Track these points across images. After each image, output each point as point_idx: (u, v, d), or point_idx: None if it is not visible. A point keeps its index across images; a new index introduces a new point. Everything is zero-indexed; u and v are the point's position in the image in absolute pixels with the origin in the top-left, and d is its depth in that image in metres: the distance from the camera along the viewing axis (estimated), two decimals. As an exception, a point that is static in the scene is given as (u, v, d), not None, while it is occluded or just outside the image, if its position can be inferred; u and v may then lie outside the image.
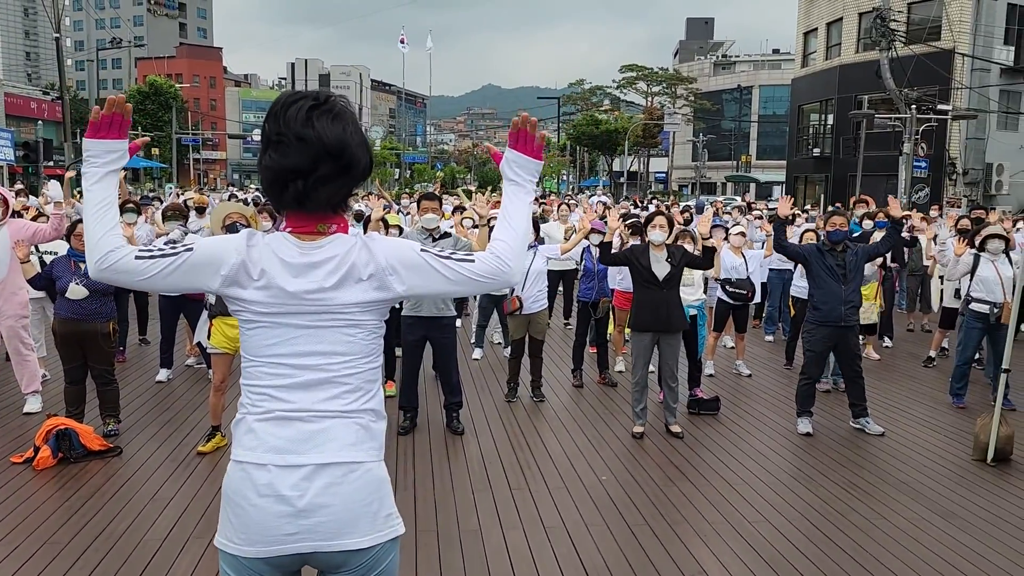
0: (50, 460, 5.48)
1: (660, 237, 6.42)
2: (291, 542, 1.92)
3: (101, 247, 1.95)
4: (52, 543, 4.39)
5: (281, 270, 1.95)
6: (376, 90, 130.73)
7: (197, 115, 77.37)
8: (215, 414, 5.98)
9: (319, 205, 1.95)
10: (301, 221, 1.99)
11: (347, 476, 1.95)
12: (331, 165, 1.92)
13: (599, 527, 4.78)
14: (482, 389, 7.93)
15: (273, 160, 1.92)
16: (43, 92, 49.63)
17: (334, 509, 1.93)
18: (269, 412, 1.97)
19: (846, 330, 6.56)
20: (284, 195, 1.94)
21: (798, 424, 6.73)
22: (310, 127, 1.89)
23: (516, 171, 2.14)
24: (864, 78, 30.00)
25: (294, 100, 1.94)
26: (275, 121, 1.93)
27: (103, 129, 2.02)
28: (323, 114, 1.92)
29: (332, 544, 1.94)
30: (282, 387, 1.97)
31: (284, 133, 1.90)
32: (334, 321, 1.98)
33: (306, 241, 1.98)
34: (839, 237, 6.59)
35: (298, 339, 1.97)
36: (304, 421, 1.96)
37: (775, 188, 55.10)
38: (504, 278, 2.07)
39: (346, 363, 2.00)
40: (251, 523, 1.92)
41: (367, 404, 2.04)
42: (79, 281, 5.89)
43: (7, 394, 7.10)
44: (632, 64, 66.16)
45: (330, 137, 1.90)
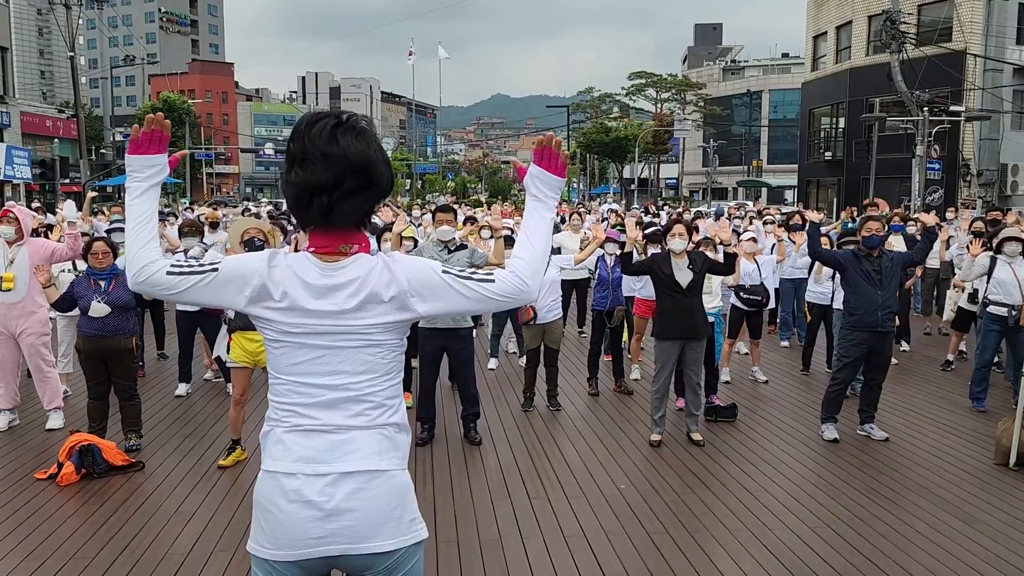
0: (74, 476, 5.54)
1: (680, 245, 6.42)
2: (319, 545, 1.99)
3: (138, 260, 2.02)
4: (78, 559, 4.43)
5: (303, 292, 1.99)
6: (386, 102, 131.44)
7: (210, 130, 77.97)
8: (235, 427, 6.02)
9: (344, 220, 2.00)
10: (324, 240, 2.03)
11: (372, 482, 2.01)
12: (355, 180, 1.97)
13: (619, 536, 4.78)
14: (498, 399, 7.95)
15: (299, 176, 1.97)
16: (58, 110, 50.09)
17: (360, 514, 1.99)
18: (297, 427, 2.03)
19: (882, 336, 6.53)
20: (310, 210, 1.99)
21: (823, 430, 6.70)
22: (335, 144, 1.95)
23: (540, 187, 2.17)
24: (875, 81, 29.90)
25: (318, 119, 1.99)
26: (300, 140, 1.98)
27: (143, 145, 2.09)
28: (347, 131, 1.97)
29: (358, 547, 2.01)
30: (307, 405, 2.03)
31: (310, 151, 1.95)
32: (356, 341, 2.02)
33: (328, 262, 2.02)
34: (876, 242, 6.57)
35: (321, 359, 2.02)
36: (330, 433, 2.02)
37: (787, 192, 54.95)
38: (523, 296, 2.10)
39: (368, 381, 2.05)
40: (281, 528, 1.99)
41: (391, 419, 2.09)
42: (100, 299, 5.97)
43: (30, 411, 7.18)
44: (641, 71, 66.20)
45: (354, 153, 1.96)
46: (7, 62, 40.89)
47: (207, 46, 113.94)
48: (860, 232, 6.76)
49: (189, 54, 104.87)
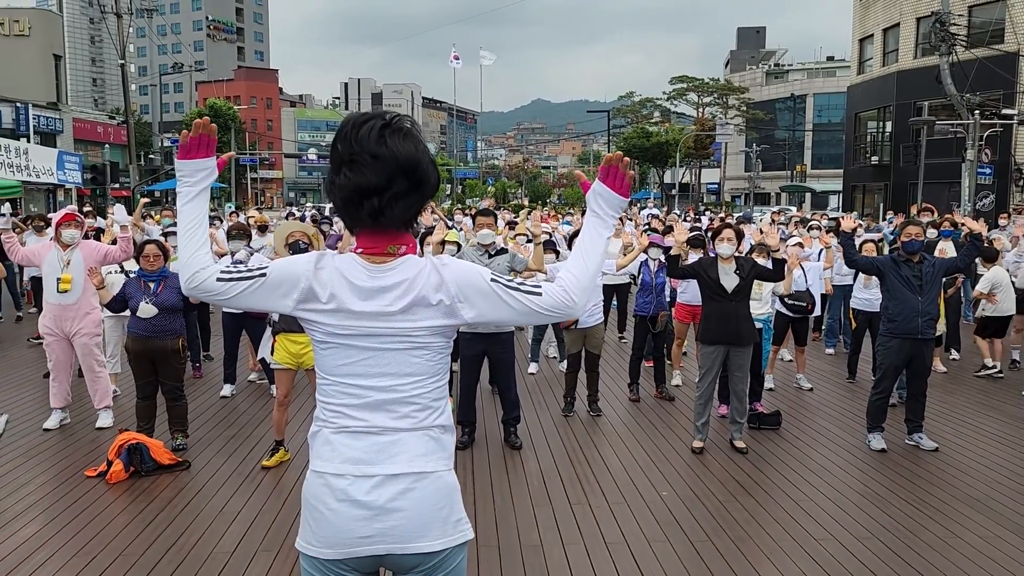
0: (122, 474, 5.66)
1: (728, 250, 6.35)
2: (367, 544, 2.01)
3: (190, 266, 2.05)
4: (126, 555, 4.52)
5: (350, 293, 2.00)
6: (427, 107, 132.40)
7: (254, 136, 79.27)
8: (278, 429, 6.09)
9: (393, 221, 2.00)
10: (372, 241, 2.03)
11: (419, 482, 2.03)
12: (405, 181, 1.97)
13: (661, 543, 4.73)
14: (539, 404, 7.93)
15: (348, 179, 1.97)
16: (109, 117, 51.39)
17: (408, 513, 2.01)
18: (345, 427, 2.04)
19: (922, 343, 6.40)
20: (359, 212, 1.99)
21: (870, 440, 6.57)
22: (383, 145, 1.95)
23: (601, 205, 2.16)
24: (923, 84, 29.32)
25: (365, 120, 1.99)
26: (347, 142, 1.98)
27: (193, 150, 2.11)
28: (395, 132, 1.97)
29: (406, 547, 2.02)
30: (354, 406, 2.04)
31: (358, 152, 1.95)
32: (402, 343, 2.03)
33: (376, 264, 2.02)
34: (916, 247, 6.44)
35: (368, 360, 2.03)
36: (377, 435, 2.03)
37: (831, 197, 54.07)
38: (569, 312, 2.10)
39: (415, 383, 2.06)
40: (329, 527, 2.01)
41: (437, 421, 2.10)
42: (148, 300, 6.09)
43: (81, 410, 7.35)
44: (683, 75, 65.72)
45: (403, 154, 1.96)
46: (61, 70, 42.07)
47: (252, 53, 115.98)
48: (900, 237, 6.63)
49: (235, 61, 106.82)
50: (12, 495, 5.42)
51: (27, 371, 9.20)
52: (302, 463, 6.06)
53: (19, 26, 40.42)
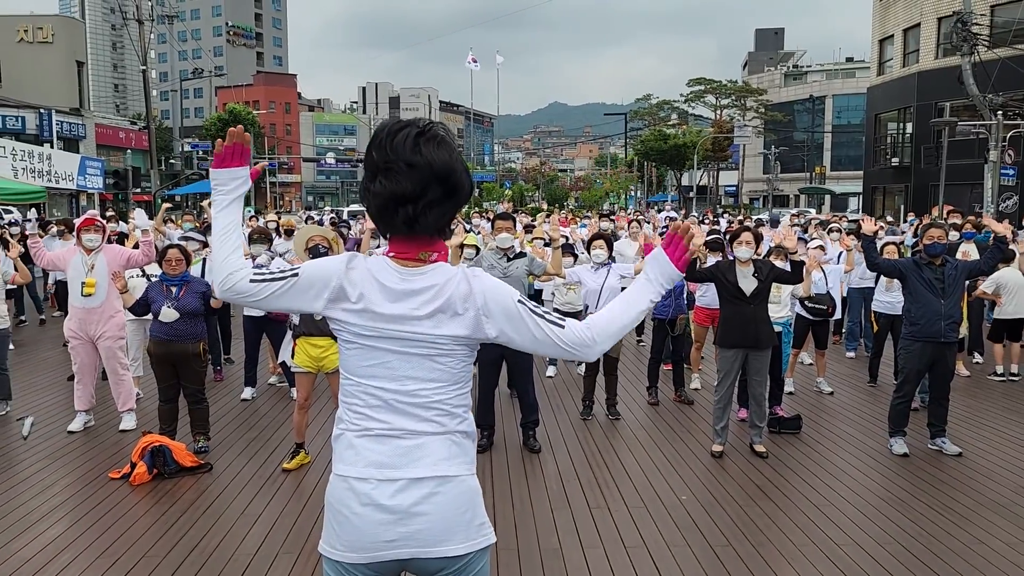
0: (146, 476, 5.72)
1: (747, 253, 6.33)
2: (390, 548, 2.01)
3: (224, 269, 2.08)
4: (150, 556, 4.57)
5: (379, 295, 2.02)
6: (444, 111, 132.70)
7: (273, 140, 79.78)
8: (299, 432, 6.13)
9: (428, 229, 2.01)
10: (405, 247, 2.05)
11: (442, 487, 2.03)
12: (439, 189, 1.98)
13: (681, 547, 4.72)
14: (557, 407, 7.93)
15: (383, 186, 1.98)
16: (131, 122, 51.95)
17: (431, 518, 2.01)
18: (368, 430, 2.05)
19: (944, 347, 6.34)
20: (395, 219, 2.00)
21: (892, 444, 6.51)
22: (418, 153, 1.95)
23: (655, 271, 2.16)
24: (945, 85, 29.01)
25: (400, 128, 1.99)
26: (382, 149, 1.98)
27: (227, 159, 2.15)
28: (429, 140, 1.98)
29: (430, 551, 2.02)
30: (377, 407, 2.05)
31: (393, 160, 1.96)
32: (426, 349, 2.04)
33: (407, 267, 2.04)
34: (938, 250, 6.38)
35: (392, 363, 2.04)
36: (400, 439, 2.04)
37: (851, 200, 53.68)
38: (586, 352, 2.10)
39: (438, 389, 2.07)
40: (353, 531, 2.02)
41: (460, 426, 2.11)
42: (170, 304, 6.16)
43: (104, 413, 7.43)
44: (700, 77, 65.54)
45: (438, 162, 1.96)
46: (83, 76, 42.58)
47: (271, 58, 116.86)
48: (922, 240, 6.56)
49: (254, 66, 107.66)
50: (38, 496, 5.49)
51: (51, 374, 9.32)
52: (322, 466, 6.10)
53: (43, 33, 40.96)
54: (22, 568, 4.42)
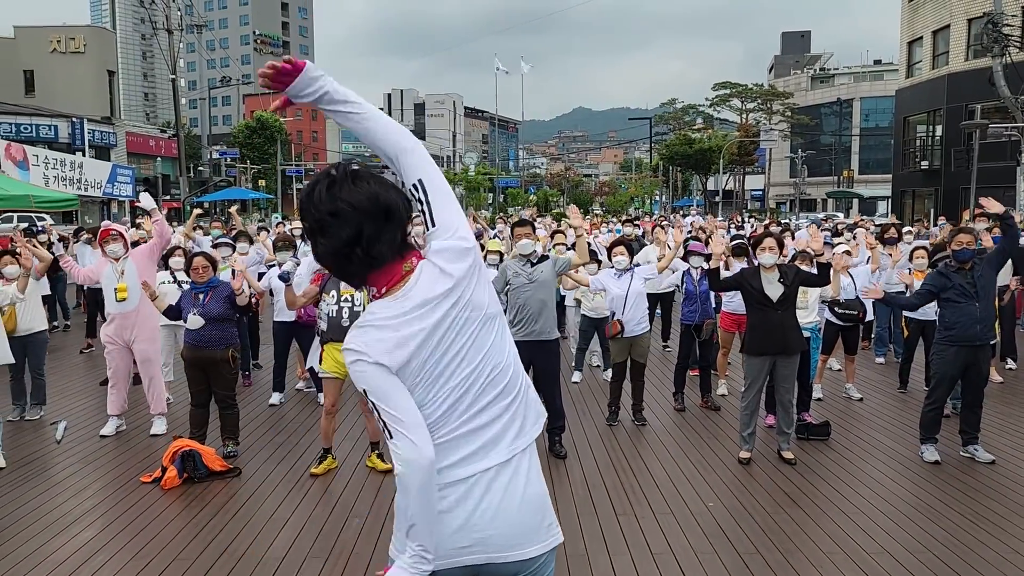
0: (176, 480, 5.79)
1: (771, 259, 6.29)
2: (464, 555, 2.02)
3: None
4: (181, 559, 4.62)
5: (406, 334, 1.97)
6: (469, 116, 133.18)
7: (300, 147, 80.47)
8: (326, 437, 6.18)
9: (386, 256, 2.01)
10: (385, 276, 2.03)
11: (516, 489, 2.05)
12: (373, 221, 1.97)
13: (708, 555, 4.69)
14: (583, 413, 7.92)
15: (324, 244, 1.99)
16: (160, 130, 52.74)
17: (504, 522, 2.02)
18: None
19: (979, 350, 6.24)
20: (354, 266, 2.01)
21: (923, 452, 6.43)
22: (336, 200, 1.96)
23: (307, 95, 2.07)
24: (975, 86, 28.65)
25: (312, 187, 2.01)
26: (307, 212, 2.00)
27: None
28: (341, 184, 1.98)
29: (503, 555, 2.03)
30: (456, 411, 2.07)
31: (320, 218, 1.97)
32: (475, 323, 2.04)
33: (401, 289, 2.01)
34: (967, 256, 6.29)
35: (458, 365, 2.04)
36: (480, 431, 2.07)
37: (880, 203, 53.07)
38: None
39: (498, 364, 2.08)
40: None
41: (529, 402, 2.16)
42: (196, 311, 6.24)
43: (136, 417, 7.54)
44: (725, 81, 65.23)
45: (357, 199, 1.96)
46: (114, 85, 43.32)
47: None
48: (950, 245, 6.45)
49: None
50: (71, 499, 5.59)
51: (82, 379, 9.47)
52: (350, 471, 6.14)
53: (75, 43, 41.75)
54: (57, 570, 4.50)
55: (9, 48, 40.93)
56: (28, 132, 34.40)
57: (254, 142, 64.53)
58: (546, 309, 6.52)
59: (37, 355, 7.62)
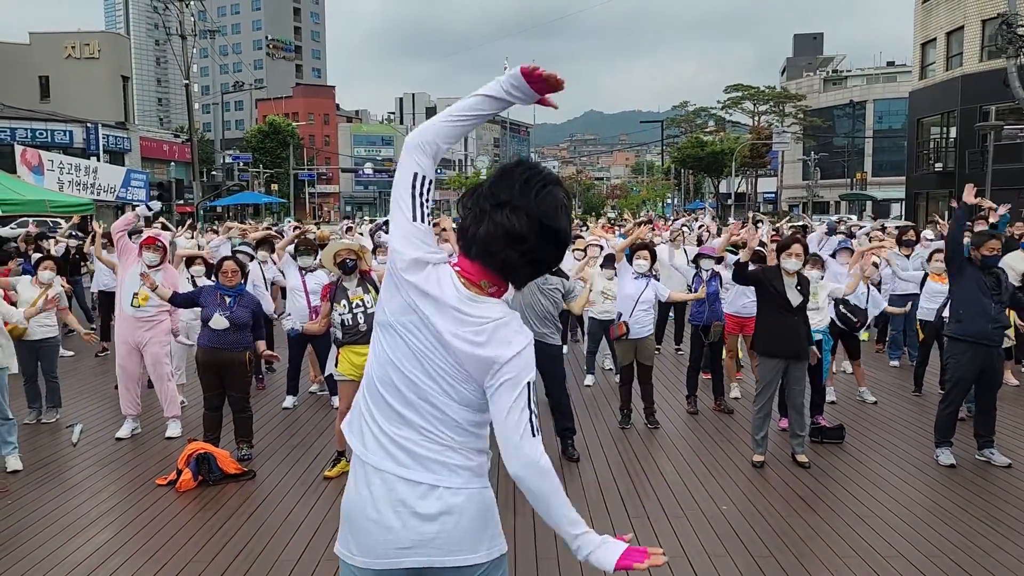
0: (191, 483, 5.83)
1: (795, 266, 6.26)
2: (404, 556, 2.03)
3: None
4: (196, 562, 4.65)
5: (436, 297, 1.99)
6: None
7: (312, 151, 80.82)
8: (341, 440, 6.19)
9: (519, 279, 2.03)
10: (474, 268, 2.01)
11: (457, 497, 2.05)
12: (550, 252, 2.00)
13: (722, 558, 4.68)
14: (595, 416, 7.91)
15: (509, 223, 1.94)
16: (174, 135, 53.07)
17: (448, 527, 2.03)
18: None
19: (993, 352, 6.19)
20: (497, 255, 1.97)
21: (938, 455, 6.39)
22: (562, 219, 1.96)
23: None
24: (989, 88, 28.46)
25: (548, 183, 1.96)
26: (524, 193, 1.94)
27: (541, 87, 2.06)
28: (566, 209, 1.98)
29: (442, 560, 2.03)
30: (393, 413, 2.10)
31: (532, 212, 1.93)
32: (451, 372, 2.02)
33: (468, 290, 2.00)
34: (994, 263, 6.25)
35: (412, 367, 2.06)
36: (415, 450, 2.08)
37: (893, 206, 52.77)
38: (514, 464, 2.01)
39: (453, 414, 2.07)
40: (368, 536, 2.06)
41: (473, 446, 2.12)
42: (223, 313, 6.28)
43: (151, 420, 7.59)
44: (738, 84, 65.02)
45: (564, 232, 1.99)
46: (128, 90, 43.66)
47: (310, 70, 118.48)
48: (981, 249, 6.35)
49: (293, 78, 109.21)
50: (87, 502, 5.63)
51: (97, 382, 9.54)
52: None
53: (89, 49, 42.11)
54: (74, 571, 4.54)
55: (25, 54, 41.33)
56: (43, 137, 34.72)
57: (267, 146, 64.87)
58: (549, 316, 6.55)
59: (49, 360, 7.70)
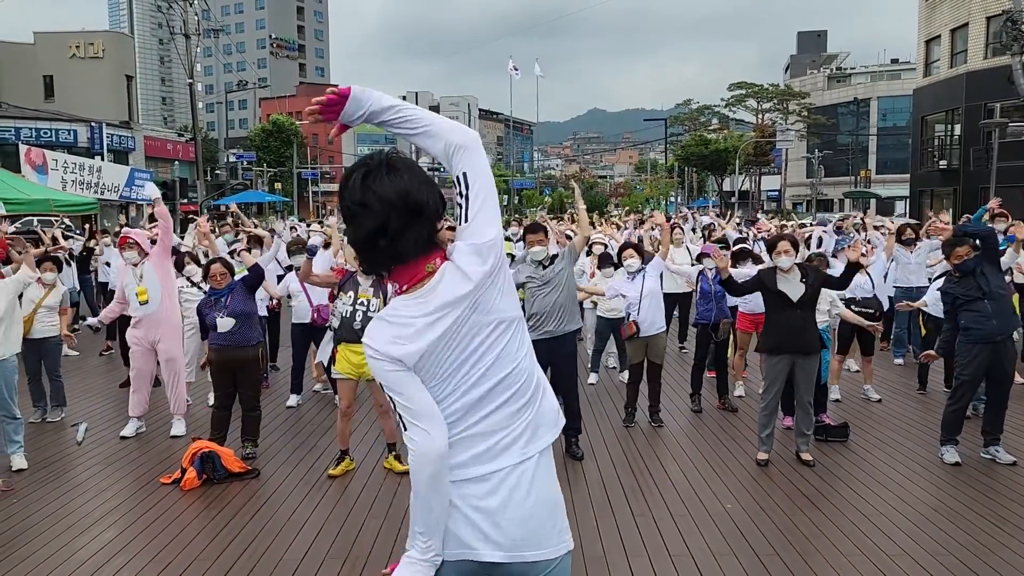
0: (195, 481, 5.84)
1: (788, 263, 6.25)
2: (472, 551, 2.03)
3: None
4: (200, 560, 4.66)
5: (422, 328, 1.99)
6: (484, 119, 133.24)
7: (315, 150, 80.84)
8: (343, 439, 6.21)
9: (411, 252, 2.02)
10: (408, 273, 2.04)
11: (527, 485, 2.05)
12: (400, 216, 1.98)
13: (727, 556, 4.67)
14: (599, 414, 7.91)
15: (353, 234, 2.04)
16: (178, 134, 53.11)
17: (514, 522, 2.03)
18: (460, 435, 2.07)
19: (1001, 347, 6.19)
20: (378, 258, 2.04)
21: (944, 453, 6.37)
22: (368, 192, 1.98)
23: (357, 116, 2.12)
24: (994, 85, 28.36)
25: (350, 173, 2.04)
26: (342, 198, 2.04)
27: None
28: (377, 175, 1.99)
29: (510, 555, 2.03)
30: (462, 411, 2.07)
31: (350, 207, 2.02)
32: (486, 332, 2.04)
33: (421, 288, 2.02)
34: (970, 267, 6.26)
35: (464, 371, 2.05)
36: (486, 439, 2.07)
37: (897, 203, 52.64)
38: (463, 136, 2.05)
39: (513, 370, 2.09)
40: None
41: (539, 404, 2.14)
42: (223, 314, 6.30)
43: (155, 419, 7.60)
44: (741, 82, 64.87)
45: (388, 193, 1.98)
46: (132, 90, 43.69)
47: (313, 69, 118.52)
48: (950, 259, 6.40)
49: (297, 77, 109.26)
50: (92, 500, 5.64)
51: (102, 381, 9.56)
52: (367, 472, 6.17)
53: (94, 48, 42.13)
54: (79, 570, 4.55)
55: (29, 54, 41.37)
56: (48, 137, 34.76)
57: (270, 145, 64.91)
58: (562, 309, 6.52)
59: (52, 358, 7.74)
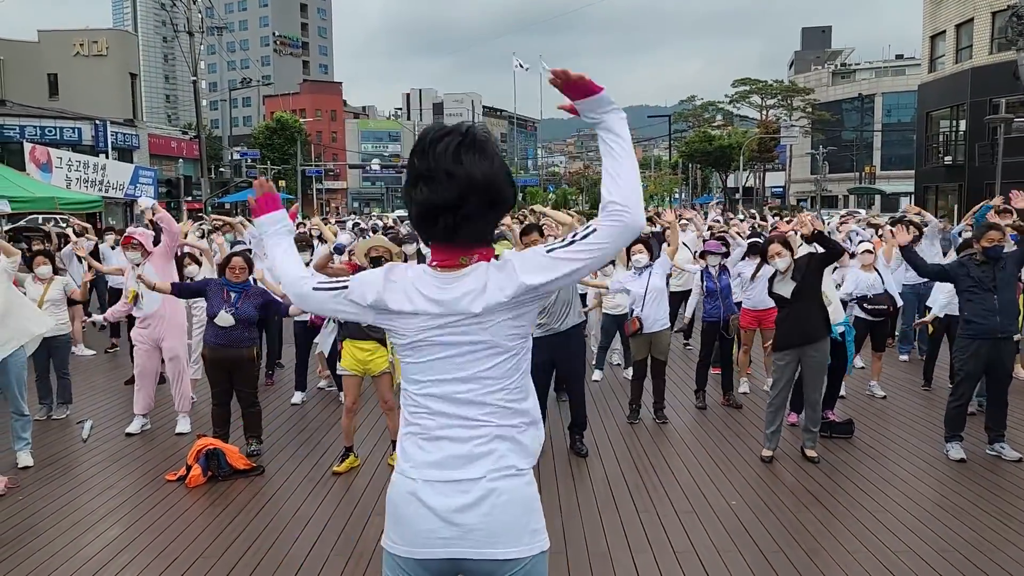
0: (200, 478, 5.85)
1: (783, 264, 6.26)
2: (444, 546, 2.03)
3: (295, 283, 2.24)
4: (205, 557, 4.67)
5: (424, 302, 2.04)
6: (488, 115, 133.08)
7: (319, 147, 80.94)
8: (347, 435, 6.21)
9: (468, 238, 2.02)
10: (446, 254, 2.05)
11: (498, 488, 2.03)
12: (479, 200, 1.97)
13: (731, 553, 4.67)
14: (604, 411, 7.90)
15: (423, 195, 1.98)
16: (182, 132, 53.20)
17: (487, 519, 2.02)
18: (425, 431, 2.09)
19: (1001, 345, 6.16)
20: (434, 228, 2.01)
21: (948, 450, 6.35)
22: (459, 163, 1.94)
23: (591, 115, 2.03)
24: (999, 80, 28.28)
25: (442, 135, 1.98)
26: (424, 156, 1.98)
27: (263, 207, 2.34)
28: (470, 150, 1.96)
29: (480, 552, 2.02)
30: (433, 410, 2.08)
31: (434, 169, 1.96)
32: (475, 349, 2.04)
33: (447, 273, 2.04)
34: (998, 253, 6.21)
35: (442, 366, 2.06)
36: (456, 441, 2.06)
37: (903, 199, 52.49)
38: (629, 220, 1.95)
39: (492, 389, 2.07)
40: (409, 527, 2.07)
41: (517, 421, 2.12)
42: (228, 310, 6.28)
43: (160, 416, 7.62)
44: (745, 78, 64.76)
45: (478, 173, 1.95)
46: (136, 88, 43.74)
47: (317, 67, 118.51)
48: (981, 241, 6.34)
49: (300, 75, 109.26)
50: (97, 497, 5.65)
51: (107, 378, 9.58)
52: (371, 469, 6.17)
53: (98, 47, 42.18)
54: (84, 567, 4.56)
55: (33, 52, 41.44)
56: (52, 135, 34.82)
57: (274, 143, 64.99)
58: (566, 305, 6.49)
59: (61, 356, 7.78)
